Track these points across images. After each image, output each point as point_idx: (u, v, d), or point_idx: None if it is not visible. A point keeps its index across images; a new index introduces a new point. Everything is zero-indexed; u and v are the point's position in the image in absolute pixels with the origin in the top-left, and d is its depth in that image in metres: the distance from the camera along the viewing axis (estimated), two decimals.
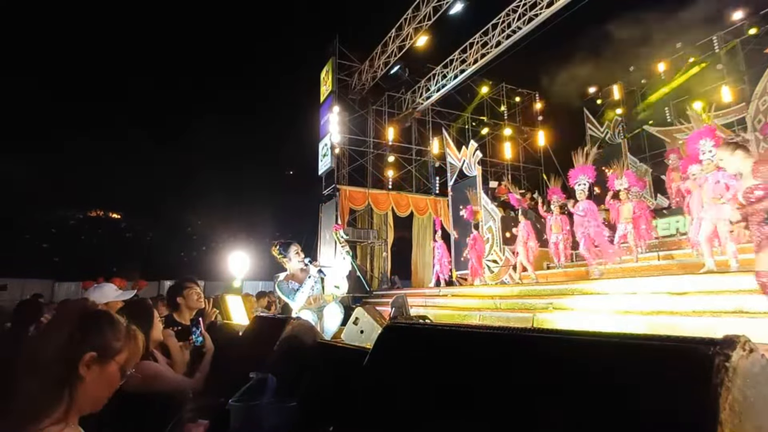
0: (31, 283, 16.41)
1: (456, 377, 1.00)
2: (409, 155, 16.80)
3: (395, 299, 6.42)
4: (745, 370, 0.60)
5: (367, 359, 1.30)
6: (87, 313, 1.18)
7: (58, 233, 28.92)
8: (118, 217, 32.96)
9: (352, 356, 1.67)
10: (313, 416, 1.62)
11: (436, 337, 1.23)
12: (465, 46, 13.42)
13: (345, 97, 15.77)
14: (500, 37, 11.98)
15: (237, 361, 2.24)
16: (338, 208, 14.51)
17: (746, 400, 0.59)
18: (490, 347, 1.00)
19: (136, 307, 2.33)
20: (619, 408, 0.68)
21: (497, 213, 10.78)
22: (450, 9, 11.48)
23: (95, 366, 1.07)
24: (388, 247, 15.40)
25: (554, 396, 0.78)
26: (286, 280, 3.79)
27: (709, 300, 4.56)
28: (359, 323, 4.88)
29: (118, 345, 1.14)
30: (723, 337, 0.64)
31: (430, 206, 16.16)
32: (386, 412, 1.15)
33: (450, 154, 13.36)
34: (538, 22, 10.81)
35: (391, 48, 13.72)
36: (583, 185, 7.15)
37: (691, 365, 0.63)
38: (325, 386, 1.74)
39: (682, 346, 0.66)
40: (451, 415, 0.96)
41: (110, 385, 1.12)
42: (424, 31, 12.52)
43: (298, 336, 2.09)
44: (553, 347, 0.87)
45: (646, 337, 0.74)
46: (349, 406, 1.32)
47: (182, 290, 2.97)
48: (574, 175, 7.35)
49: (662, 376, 0.65)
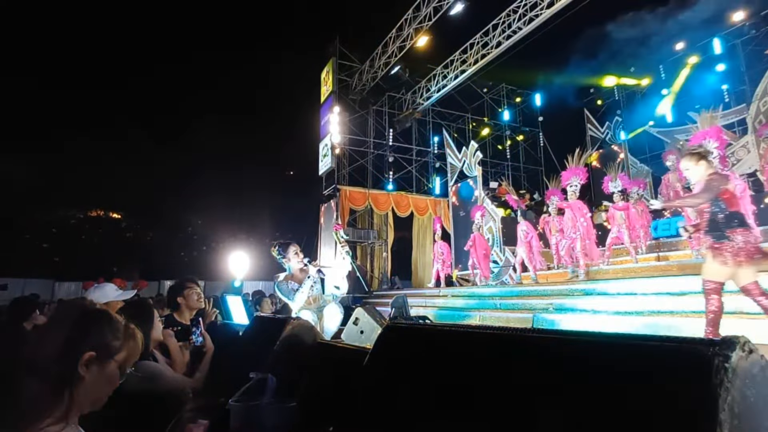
0: (32, 283, 16.43)
1: (456, 377, 1.00)
2: (409, 155, 16.81)
3: (395, 299, 6.44)
4: (744, 371, 0.60)
5: (367, 359, 1.30)
6: (85, 313, 1.18)
7: (59, 233, 28.93)
8: (118, 217, 32.96)
9: (352, 356, 1.67)
10: (313, 416, 1.62)
11: (436, 337, 1.23)
12: (465, 47, 13.42)
13: (345, 98, 15.78)
14: (501, 37, 11.99)
15: (237, 361, 2.24)
16: (338, 209, 14.52)
17: (745, 400, 0.59)
18: (490, 347, 1.00)
19: (136, 306, 2.33)
20: (618, 408, 0.68)
21: (497, 213, 10.79)
22: (450, 9, 11.49)
23: (94, 365, 1.07)
24: (388, 247, 15.41)
25: (554, 396, 0.78)
26: (286, 281, 3.80)
27: None
28: (359, 323, 4.88)
29: (117, 344, 1.14)
30: (722, 337, 0.64)
31: (430, 207, 16.17)
32: (386, 413, 1.15)
33: (450, 154, 13.38)
34: (538, 22, 10.81)
35: (392, 48, 13.73)
36: (574, 186, 7.30)
37: (691, 366, 0.63)
38: (325, 386, 1.74)
39: (682, 346, 0.66)
40: (451, 415, 0.96)
41: (110, 384, 1.12)
42: (424, 32, 12.53)
43: (298, 336, 2.09)
44: (553, 347, 0.87)
45: (645, 338, 0.74)
46: (349, 407, 1.32)
47: (182, 290, 2.98)
48: (566, 177, 7.48)
49: (661, 377, 0.65)
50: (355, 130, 15.99)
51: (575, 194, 7.26)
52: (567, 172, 7.51)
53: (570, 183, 7.35)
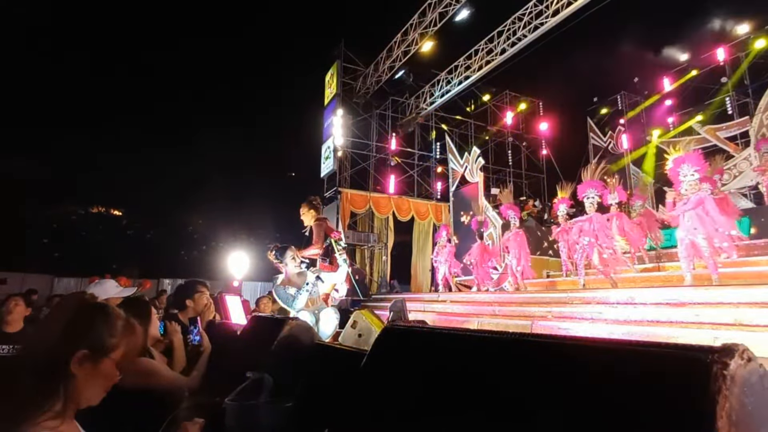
0: (31, 278, 16.42)
1: (453, 381, 1.00)
2: (411, 160, 16.82)
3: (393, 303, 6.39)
4: (742, 379, 0.60)
5: (365, 361, 1.30)
6: (81, 309, 1.17)
7: (59, 229, 28.96)
8: (119, 214, 33.00)
9: (350, 358, 1.67)
10: (309, 417, 1.61)
11: (433, 340, 1.22)
12: (470, 53, 13.46)
13: (349, 101, 15.82)
14: (505, 44, 12.02)
15: (234, 361, 2.24)
16: (339, 211, 14.52)
17: (743, 408, 0.59)
18: (488, 351, 0.99)
19: (134, 304, 2.33)
20: (616, 414, 0.68)
21: (498, 220, 10.78)
22: (456, 15, 11.54)
23: (88, 363, 1.05)
24: (388, 251, 15.39)
25: (551, 401, 0.78)
26: (283, 285, 3.79)
27: (708, 312, 4.54)
28: (357, 326, 4.86)
29: (112, 342, 1.12)
30: (721, 345, 0.64)
31: (431, 211, 16.16)
32: (383, 415, 1.14)
33: (452, 159, 13.38)
34: (543, 30, 10.85)
35: (397, 53, 13.78)
36: (591, 198, 7.30)
37: (689, 372, 0.63)
38: (321, 387, 1.74)
39: (681, 353, 0.66)
40: (448, 419, 0.95)
41: (106, 381, 1.11)
42: (429, 37, 12.58)
43: (295, 337, 2.09)
44: (551, 352, 0.87)
45: (644, 344, 0.74)
46: (345, 408, 1.32)
47: (194, 293, 2.99)
48: (582, 189, 7.50)
49: (660, 383, 0.65)
50: (358, 133, 16.02)
51: (593, 206, 7.30)
52: (583, 185, 7.54)
53: (587, 195, 7.39)
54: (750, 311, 4.08)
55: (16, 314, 3.45)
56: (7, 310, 3.42)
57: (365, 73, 15.62)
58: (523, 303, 7.19)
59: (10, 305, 3.44)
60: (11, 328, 3.40)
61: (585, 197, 7.44)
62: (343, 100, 15.48)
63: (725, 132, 12.39)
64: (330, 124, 15.54)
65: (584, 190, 7.51)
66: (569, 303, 6.28)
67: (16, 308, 3.46)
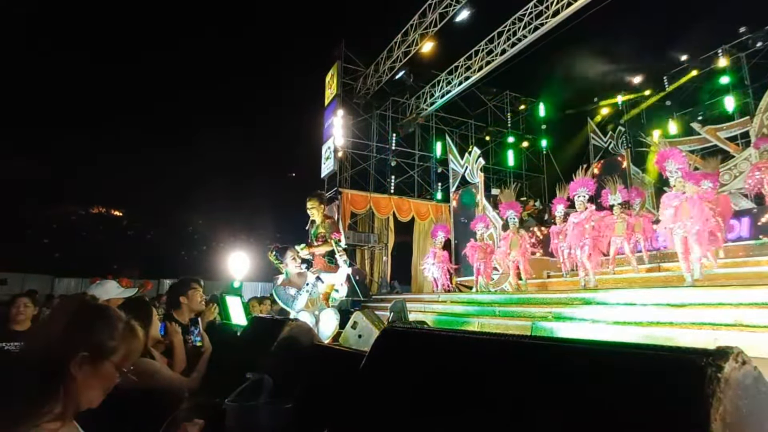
0: (31, 278, 16.42)
1: (452, 382, 1.01)
2: (411, 160, 16.83)
3: (394, 304, 6.40)
4: (737, 382, 0.61)
5: (364, 362, 1.30)
6: (81, 311, 1.16)
7: (59, 229, 28.97)
8: (119, 214, 33.01)
9: (350, 359, 1.68)
10: (309, 418, 1.62)
11: (433, 341, 1.23)
12: (470, 54, 13.47)
13: (349, 101, 15.81)
14: (506, 45, 12.03)
15: (234, 362, 2.25)
16: (340, 212, 14.52)
17: (737, 411, 0.60)
18: (487, 353, 1.00)
19: (135, 305, 2.34)
20: (611, 415, 0.68)
21: (499, 220, 10.77)
22: (456, 16, 11.54)
23: (87, 365, 1.05)
24: (388, 251, 15.39)
25: (549, 402, 0.78)
26: (283, 286, 3.80)
27: (708, 313, 4.54)
28: (357, 327, 4.87)
29: (112, 344, 1.11)
30: (716, 348, 0.64)
31: (431, 212, 16.15)
32: (382, 416, 1.15)
33: (453, 160, 13.37)
34: (543, 31, 10.85)
35: (397, 53, 13.78)
36: (582, 197, 7.39)
37: (684, 375, 0.63)
38: (321, 388, 1.74)
39: (676, 356, 0.67)
40: (448, 420, 0.96)
41: (105, 383, 1.10)
42: (429, 38, 12.58)
43: (295, 338, 2.10)
44: (550, 354, 0.87)
45: (640, 347, 0.75)
46: (344, 409, 1.33)
47: (187, 290, 2.98)
48: (573, 188, 7.57)
49: (655, 385, 0.66)
50: (358, 134, 16.02)
51: (583, 204, 7.37)
52: (574, 184, 7.61)
53: (578, 194, 7.46)
54: (750, 312, 4.08)
55: (27, 314, 3.61)
56: (18, 310, 3.57)
57: (365, 74, 15.62)
58: (524, 304, 7.20)
59: (21, 306, 3.59)
60: (21, 327, 3.55)
61: (576, 195, 7.54)
62: (344, 101, 15.47)
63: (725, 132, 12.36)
64: (330, 125, 15.53)
65: (575, 188, 7.61)
66: (570, 304, 6.28)
67: (27, 309, 3.61)
